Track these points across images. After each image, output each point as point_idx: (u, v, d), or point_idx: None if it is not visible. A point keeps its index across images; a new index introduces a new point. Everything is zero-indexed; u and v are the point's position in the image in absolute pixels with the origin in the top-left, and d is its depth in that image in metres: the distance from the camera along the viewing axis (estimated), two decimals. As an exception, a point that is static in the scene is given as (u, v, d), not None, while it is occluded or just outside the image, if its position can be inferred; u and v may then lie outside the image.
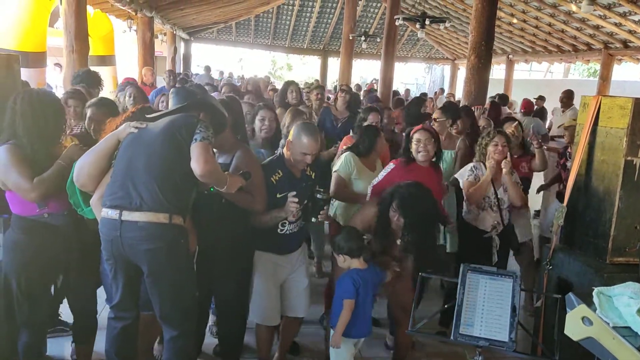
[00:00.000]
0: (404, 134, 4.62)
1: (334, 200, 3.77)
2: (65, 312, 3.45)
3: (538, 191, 5.24)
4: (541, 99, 10.87)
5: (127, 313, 2.53)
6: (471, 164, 3.80)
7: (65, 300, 3.20)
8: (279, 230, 2.94)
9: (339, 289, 2.74)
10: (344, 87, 7.09)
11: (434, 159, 3.50)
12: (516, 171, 4.02)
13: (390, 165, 3.47)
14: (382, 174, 3.45)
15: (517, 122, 4.54)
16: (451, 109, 4.65)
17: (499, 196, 3.61)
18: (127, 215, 2.31)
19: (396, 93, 11.77)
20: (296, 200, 2.79)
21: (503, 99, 9.99)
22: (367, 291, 2.73)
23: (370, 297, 2.78)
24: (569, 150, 4.81)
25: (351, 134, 4.45)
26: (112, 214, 2.33)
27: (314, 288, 4.39)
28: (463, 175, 3.74)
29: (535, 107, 8.87)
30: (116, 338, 2.54)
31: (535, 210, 6.17)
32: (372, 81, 14.36)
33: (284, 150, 2.99)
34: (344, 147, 4.07)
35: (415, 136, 3.40)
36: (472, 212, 3.68)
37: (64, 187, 2.60)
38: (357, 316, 2.71)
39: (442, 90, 17.05)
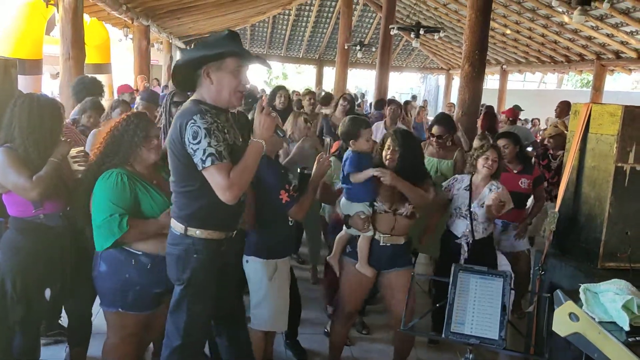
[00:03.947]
0: None
1: None
2: (66, 318, 3.46)
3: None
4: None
5: None
6: (456, 175, 3.85)
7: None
8: (290, 222, 2.98)
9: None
10: (346, 95, 7.15)
11: None
12: (516, 187, 4.07)
13: None
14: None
15: (510, 139, 4.36)
16: (448, 122, 4.67)
17: (472, 209, 3.59)
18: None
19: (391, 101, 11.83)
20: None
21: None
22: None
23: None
24: (549, 152, 4.94)
25: None
26: None
27: (309, 294, 4.44)
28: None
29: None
30: None
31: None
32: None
33: None
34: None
35: None
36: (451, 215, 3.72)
37: (59, 186, 2.61)
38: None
39: (415, 97, 17.21)
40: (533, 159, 5.13)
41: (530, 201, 4.45)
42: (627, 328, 1.80)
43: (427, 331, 3.64)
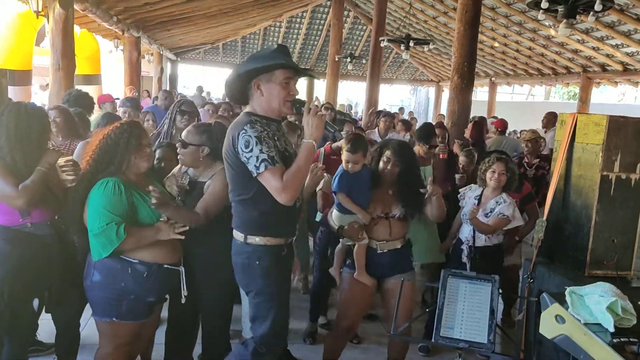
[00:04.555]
0: None
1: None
2: (43, 332, 3.43)
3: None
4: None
5: None
6: (471, 185, 3.89)
7: (42, 320, 3.17)
8: None
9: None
10: (328, 104, 7.35)
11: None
12: None
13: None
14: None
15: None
16: (428, 131, 4.77)
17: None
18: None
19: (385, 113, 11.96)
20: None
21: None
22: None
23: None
24: (525, 160, 5.17)
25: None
26: None
27: (300, 303, 4.43)
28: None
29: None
30: None
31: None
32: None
33: None
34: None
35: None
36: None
37: (47, 195, 2.60)
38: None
39: (403, 109, 17.55)
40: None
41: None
42: (612, 329, 1.84)
43: (419, 337, 3.66)
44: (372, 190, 3.08)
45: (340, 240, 3.16)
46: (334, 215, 3.16)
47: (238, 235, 2.42)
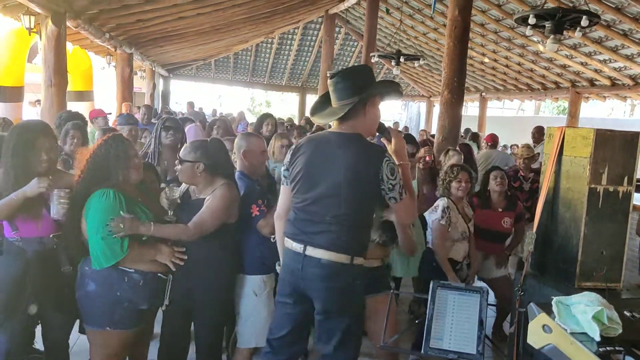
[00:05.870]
0: None
1: None
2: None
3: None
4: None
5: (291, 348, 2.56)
6: (442, 204, 3.75)
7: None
8: (272, 239, 2.94)
9: None
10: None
11: None
12: (498, 226, 4.20)
13: None
14: None
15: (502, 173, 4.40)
16: (410, 140, 4.80)
17: (470, 230, 3.80)
18: (311, 251, 2.36)
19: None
20: None
21: (474, 137, 10.29)
22: None
23: None
24: (520, 173, 5.36)
25: None
26: (297, 247, 2.40)
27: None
28: (434, 215, 3.74)
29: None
30: None
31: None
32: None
33: (241, 167, 3.06)
34: None
35: None
36: (446, 244, 3.74)
37: (38, 211, 2.59)
38: None
39: (397, 124, 17.80)
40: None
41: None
42: (597, 338, 1.87)
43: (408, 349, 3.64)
44: None
45: None
46: None
47: (341, 257, 2.33)
